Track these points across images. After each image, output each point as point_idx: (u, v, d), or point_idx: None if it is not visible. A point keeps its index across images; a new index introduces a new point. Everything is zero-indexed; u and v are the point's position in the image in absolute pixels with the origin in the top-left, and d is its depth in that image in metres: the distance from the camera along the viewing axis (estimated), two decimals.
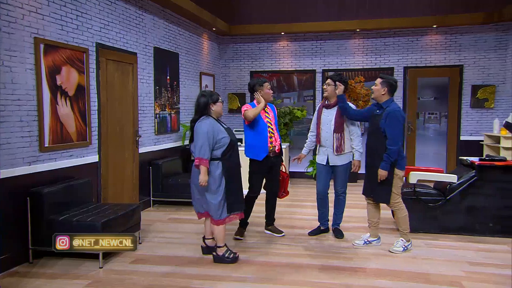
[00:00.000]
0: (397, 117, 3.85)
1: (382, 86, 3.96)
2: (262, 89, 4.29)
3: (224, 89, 8.79)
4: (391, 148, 3.82)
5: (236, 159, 3.74)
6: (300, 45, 8.38)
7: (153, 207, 5.89)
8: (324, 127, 4.34)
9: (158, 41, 6.06)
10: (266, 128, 4.28)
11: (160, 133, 6.13)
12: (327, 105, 4.36)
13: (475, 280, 3.35)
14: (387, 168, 3.86)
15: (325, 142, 4.34)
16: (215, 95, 3.73)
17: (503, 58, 7.55)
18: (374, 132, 4.01)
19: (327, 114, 4.34)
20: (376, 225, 4.21)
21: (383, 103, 3.97)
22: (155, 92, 5.95)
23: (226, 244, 3.80)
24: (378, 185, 3.96)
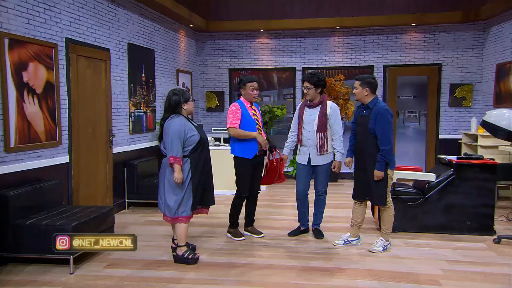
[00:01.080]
0: (386, 116, 3.86)
1: (362, 87, 3.97)
2: (245, 89, 4.28)
3: (202, 87, 8.72)
4: (384, 148, 3.84)
5: (205, 156, 3.76)
6: (279, 42, 8.40)
7: (128, 210, 5.79)
8: (306, 126, 4.34)
9: (133, 37, 5.96)
10: (254, 125, 4.27)
11: (135, 132, 6.03)
12: (310, 105, 4.36)
13: (453, 278, 3.43)
14: (383, 169, 3.88)
15: (307, 141, 4.34)
16: (187, 94, 3.75)
17: (480, 57, 7.76)
18: (363, 134, 3.99)
19: (310, 114, 4.34)
20: (358, 226, 4.25)
21: (369, 103, 3.97)
22: (129, 90, 5.85)
23: (186, 244, 3.81)
24: (374, 188, 3.95)
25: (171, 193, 3.63)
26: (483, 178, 4.54)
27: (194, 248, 4.02)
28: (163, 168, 3.71)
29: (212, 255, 4.00)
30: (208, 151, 3.82)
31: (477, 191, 4.54)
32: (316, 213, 4.54)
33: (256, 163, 4.34)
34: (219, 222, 5.12)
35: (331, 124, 4.29)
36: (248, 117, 4.26)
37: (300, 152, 4.43)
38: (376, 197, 4.00)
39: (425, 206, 4.62)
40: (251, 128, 4.25)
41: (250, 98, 4.32)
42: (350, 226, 4.31)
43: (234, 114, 4.25)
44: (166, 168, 3.66)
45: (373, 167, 3.92)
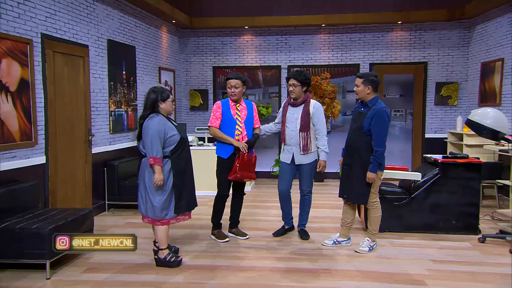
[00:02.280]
0: (384, 118, 3.85)
1: (364, 85, 3.93)
2: (230, 88, 4.25)
3: (185, 85, 8.67)
4: (378, 149, 3.87)
5: (186, 156, 3.73)
6: (264, 40, 8.40)
7: (109, 212, 5.72)
8: (289, 125, 4.35)
9: (112, 33, 5.88)
10: (234, 125, 4.24)
11: (116, 131, 5.95)
12: (293, 103, 4.38)
13: (438, 278, 3.48)
14: (376, 170, 3.91)
15: (290, 140, 4.36)
16: (166, 92, 3.68)
17: (465, 55, 7.91)
18: (355, 130, 4.01)
19: (293, 112, 4.37)
20: (348, 226, 4.28)
21: (369, 102, 3.95)
22: (109, 88, 5.77)
23: (169, 246, 3.78)
24: (355, 185, 4.01)
25: (155, 194, 3.58)
26: (468, 177, 4.62)
27: (176, 251, 3.99)
28: (142, 169, 3.67)
29: (196, 257, 3.97)
30: (189, 151, 3.79)
31: (463, 190, 4.62)
32: (301, 213, 4.55)
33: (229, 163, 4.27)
34: (202, 223, 5.10)
35: (314, 123, 4.30)
36: (228, 117, 4.23)
37: (283, 151, 4.45)
38: (356, 195, 4.05)
39: (411, 206, 4.67)
40: (229, 128, 4.23)
41: (229, 96, 4.30)
42: (340, 226, 4.34)
43: (214, 113, 4.28)
44: (146, 169, 3.62)
45: (358, 165, 3.96)
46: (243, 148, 4.16)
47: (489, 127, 4.08)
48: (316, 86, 7.48)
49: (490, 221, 5.16)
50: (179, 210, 3.68)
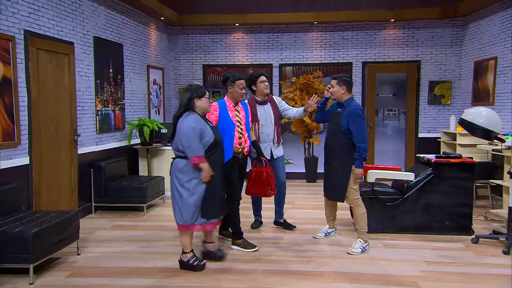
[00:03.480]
0: (360, 115, 4.06)
1: (339, 85, 4.13)
2: (233, 86, 4.11)
3: (174, 83, 8.62)
4: (361, 145, 4.02)
5: (218, 160, 3.66)
6: (255, 38, 8.39)
7: (95, 214, 5.66)
8: (264, 123, 4.57)
9: (99, 30, 5.82)
10: (233, 127, 4.08)
11: (103, 131, 5.90)
12: (263, 101, 4.60)
13: (431, 279, 3.50)
14: (362, 166, 4.07)
15: (267, 137, 4.59)
16: (202, 90, 3.63)
17: (458, 54, 7.98)
18: (334, 131, 4.20)
19: (263, 110, 4.60)
20: (332, 219, 4.59)
21: (345, 102, 4.15)
22: (96, 86, 5.72)
23: (193, 250, 3.75)
24: (336, 183, 4.17)
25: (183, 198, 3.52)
26: (462, 177, 4.66)
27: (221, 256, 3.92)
28: (173, 171, 3.59)
29: None
30: (221, 154, 3.74)
31: (456, 190, 4.65)
32: (278, 206, 4.86)
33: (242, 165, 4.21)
34: None
35: (283, 109, 4.69)
36: (227, 119, 4.07)
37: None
38: (334, 192, 4.22)
39: (404, 206, 4.70)
40: (229, 131, 4.05)
41: (238, 97, 4.15)
42: (326, 221, 4.63)
43: (209, 116, 4.04)
44: (175, 171, 3.56)
45: (336, 163, 4.15)
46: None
47: (482, 127, 4.12)
48: (308, 85, 7.49)
49: (484, 221, 5.21)
50: (208, 216, 3.59)
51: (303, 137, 7.76)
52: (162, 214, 5.69)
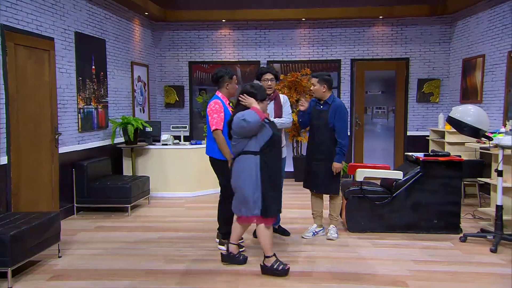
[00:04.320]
0: (345, 112, 4.35)
1: (320, 84, 4.34)
2: (231, 82, 4.15)
3: (160, 81, 8.56)
4: (342, 141, 4.29)
5: (276, 156, 3.71)
6: (243, 34, 8.37)
7: (78, 215, 5.59)
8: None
9: (80, 25, 5.74)
10: None
11: (85, 130, 5.82)
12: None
13: (420, 278, 3.54)
14: (341, 161, 4.33)
15: None
16: (264, 94, 3.70)
17: (447, 51, 8.08)
18: (320, 127, 4.37)
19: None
20: (320, 215, 4.66)
21: (328, 99, 4.39)
22: (77, 83, 5.63)
23: (275, 254, 3.67)
24: (328, 178, 4.39)
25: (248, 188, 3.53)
26: (450, 175, 4.72)
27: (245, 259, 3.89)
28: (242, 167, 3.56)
29: (171, 262, 3.92)
30: (279, 151, 3.75)
31: (444, 188, 4.71)
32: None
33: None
34: (177, 226, 5.05)
35: (285, 112, 4.45)
36: (229, 116, 4.03)
37: None
38: (326, 186, 4.44)
39: (392, 205, 4.74)
40: None
41: (235, 93, 4.21)
42: (313, 218, 4.67)
43: (218, 114, 4.01)
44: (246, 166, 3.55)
45: (327, 159, 4.34)
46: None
47: (470, 125, 4.18)
48: (296, 82, 7.50)
49: (472, 219, 5.29)
50: (267, 212, 3.57)
51: (291, 136, 7.77)
52: (147, 215, 5.65)
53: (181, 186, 6.68)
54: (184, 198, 6.55)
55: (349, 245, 4.38)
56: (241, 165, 3.59)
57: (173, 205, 6.18)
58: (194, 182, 6.65)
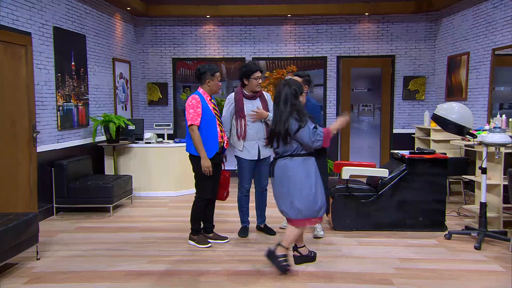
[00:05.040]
0: (320, 112, 4.63)
1: (304, 84, 4.41)
2: (213, 79, 4.15)
3: (142, 78, 8.47)
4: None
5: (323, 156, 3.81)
6: (227, 30, 8.34)
7: (57, 216, 5.50)
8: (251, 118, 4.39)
9: (59, 20, 5.64)
10: (215, 121, 4.14)
11: (65, 128, 5.73)
12: (252, 96, 4.42)
13: (405, 276, 3.58)
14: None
15: (255, 135, 4.40)
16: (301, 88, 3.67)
17: (432, 48, 8.17)
18: None
19: (252, 106, 4.41)
20: None
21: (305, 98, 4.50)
22: (56, 80, 5.54)
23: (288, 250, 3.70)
24: None
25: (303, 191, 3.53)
26: (435, 173, 4.77)
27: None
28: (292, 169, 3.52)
29: (153, 263, 3.88)
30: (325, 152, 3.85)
31: (429, 186, 4.76)
32: (261, 210, 4.70)
33: (218, 161, 4.24)
34: (161, 226, 5.01)
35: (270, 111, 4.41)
36: (209, 113, 4.11)
37: (246, 148, 4.43)
38: None
39: (378, 203, 4.78)
40: (212, 126, 4.11)
41: (217, 90, 4.24)
42: None
43: (195, 109, 4.04)
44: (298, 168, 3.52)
45: None
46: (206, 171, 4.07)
47: (455, 122, 4.23)
48: (282, 79, 7.49)
49: (456, 217, 5.37)
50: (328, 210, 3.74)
51: None
52: (129, 215, 5.59)
53: (165, 186, 6.63)
54: (168, 198, 6.51)
55: (335, 243, 4.41)
56: (297, 167, 3.52)
57: (157, 204, 6.13)
58: (178, 181, 6.61)
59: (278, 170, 3.59)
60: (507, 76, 6.14)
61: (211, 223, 4.48)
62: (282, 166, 3.57)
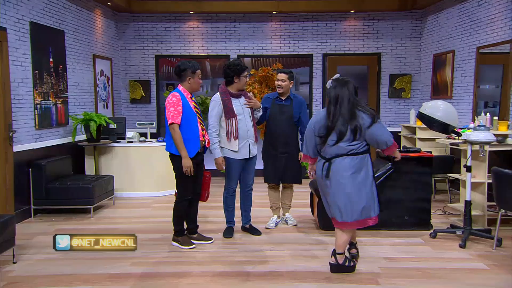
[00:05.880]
0: (306, 106, 4.84)
1: (289, 80, 4.74)
2: (193, 77, 4.11)
3: (124, 75, 8.38)
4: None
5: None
6: (212, 27, 8.30)
7: (35, 218, 5.41)
8: (241, 117, 4.39)
9: (36, 15, 5.53)
10: (196, 119, 4.11)
11: (43, 127, 5.63)
12: (238, 94, 4.43)
13: (390, 276, 3.61)
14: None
15: (246, 133, 4.41)
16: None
17: (418, 46, 8.27)
18: (285, 121, 4.72)
19: (239, 104, 4.43)
20: (279, 206, 5.01)
21: (291, 94, 4.82)
22: (34, 77, 5.44)
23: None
24: (295, 169, 4.81)
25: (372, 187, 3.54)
26: (420, 171, 4.83)
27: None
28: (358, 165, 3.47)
29: (135, 265, 3.85)
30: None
31: (415, 185, 4.81)
32: (247, 209, 4.71)
33: (199, 160, 4.21)
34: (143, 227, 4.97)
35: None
36: (190, 111, 4.08)
37: (237, 147, 4.38)
38: (294, 177, 4.83)
39: None
40: (193, 124, 4.08)
41: (197, 88, 4.23)
42: (272, 210, 4.98)
43: (175, 107, 4.01)
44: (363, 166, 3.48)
45: (295, 150, 4.75)
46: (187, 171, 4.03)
47: (440, 120, 4.28)
48: (268, 77, 7.49)
49: (442, 215, 5.44)
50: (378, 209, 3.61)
51: (263, 132, 7.76)
52: (111, 216, 5.53)
53: (148, 186, 6.57)
54: (151, 198, 6.45)
55: (321, 243, 4.43)
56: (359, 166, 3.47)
57: (140, 205, 6.08)
58: (162, 181, 6.55)
59: (339, 169, 3.47)
60: (492, 75, 6.25)
61: (195, 223, 4.46)
62: (344, 166, 3.46)
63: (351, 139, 3.44)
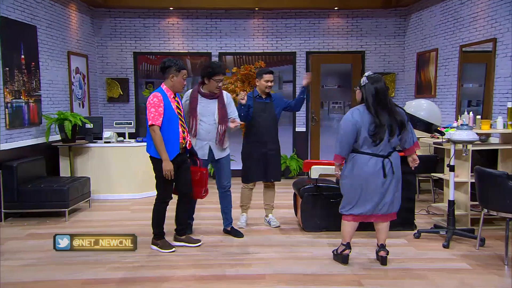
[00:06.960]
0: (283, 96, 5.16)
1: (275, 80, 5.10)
2: (177, 75, 4.06)
3: (101, 73, 8.27)
4: None
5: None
6: (192, 24, 8.26)
7: (5, 222, 5.29)
8: (205, 118, 4.42)
9: (6, 10, 5.41)
10: (177, 121, 4.07)
11: (14, 127, 5.51)
12: (209, 95, 4.44)
13: (374, 277, 3.66)
14: None
15: (206, 135, 4.45)
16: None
17: (402, 45, 8.38)
18: (268, 119, 4.84)
19: (207, 105, 4.44)
20: (248, 207, 5.09)
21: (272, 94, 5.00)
22: (4, 74, 5.32)
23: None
24: (277, 166, 4.99)
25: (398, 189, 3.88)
26: (404, 171, 4.84)
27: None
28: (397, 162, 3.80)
29: (115, 269, 3.80)
30: None
31: None
32: (226, 211, 4.70)
33: (179, 163, 4.15)
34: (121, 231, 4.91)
35: (231, 111, 4.55)
36: (171, 112, 4.04)
37: (195, 147, 4.41)
38: (277, 174, 4.97)
39: None
40: (174, 126, 4.05)
41: (180, 88, 4.14)
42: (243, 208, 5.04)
43: (156, 108, 3.97)
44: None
45: (277, 148, 4.95)
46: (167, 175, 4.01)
47: (423, 119, 4.35)
48: (250, 75, 7.50)
49: (426, 215, 5.53)
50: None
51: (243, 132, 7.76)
52: (87, 219, 5.45)
53: (127, 188, 6.50)
54: (130, 200, 6.38)
55: (304, 245, 4.45)
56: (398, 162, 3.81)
57: (118, 208, 6.01)
58: (141, 183, 6.48)
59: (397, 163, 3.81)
60: (475, 73, 6.37)
61: (182, 225, 4.41)
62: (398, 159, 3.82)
63: (398, 133, 3.72)
